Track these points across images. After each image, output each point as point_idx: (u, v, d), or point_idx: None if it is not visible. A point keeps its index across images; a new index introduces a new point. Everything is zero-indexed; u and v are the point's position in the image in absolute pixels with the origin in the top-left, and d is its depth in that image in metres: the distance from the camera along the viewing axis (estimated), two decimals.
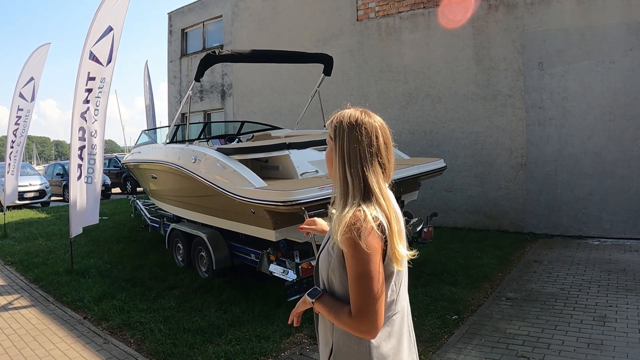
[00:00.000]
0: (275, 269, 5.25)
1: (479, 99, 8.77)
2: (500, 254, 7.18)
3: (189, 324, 4.96)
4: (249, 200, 4.89)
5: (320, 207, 4.75)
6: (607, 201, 7.74)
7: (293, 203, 4.49)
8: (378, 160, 1.61)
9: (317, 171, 5.60)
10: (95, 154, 7.14)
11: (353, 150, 1.59)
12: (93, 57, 7.04)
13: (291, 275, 4.99)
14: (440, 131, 9.21)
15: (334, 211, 1.63)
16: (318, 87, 7.61)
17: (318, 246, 2.69)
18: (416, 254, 1.66)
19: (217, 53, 6.09)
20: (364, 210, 1.53)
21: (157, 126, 13.64)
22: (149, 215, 8.84)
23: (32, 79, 10.46)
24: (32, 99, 10.53)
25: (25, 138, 10.71)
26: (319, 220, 2.15)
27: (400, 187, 5.59)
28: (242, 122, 8.96)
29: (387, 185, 1.66)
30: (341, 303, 1.61)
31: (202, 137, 8.72)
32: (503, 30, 8.47)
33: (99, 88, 7.15)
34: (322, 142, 5.91)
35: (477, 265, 6.65)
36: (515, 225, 8.53)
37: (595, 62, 7.70)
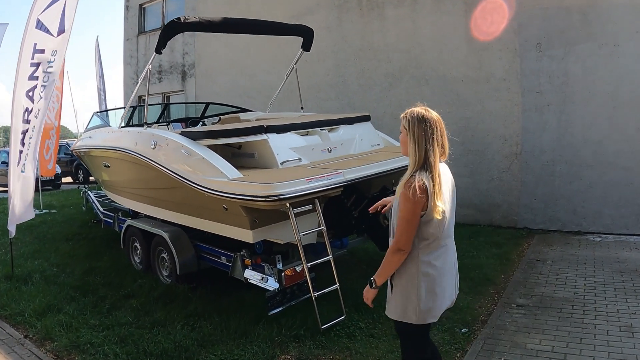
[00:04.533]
0: (252, 276, 4.40)
1: (470, 81, 8.13)
2: (498, 252, 6.55)
3: (150, 346, 4.07)
4: (221, 194, 4.00)
5: (307, 203, 3.91)
6: (608, 194, 7.22)
7: (276, 198, 3.64)
8: (436, 143, 2.38)
9: (300, 159, 4.75)
10: (32, 138, 6.05)
11: (420, 136, 2.36)
12: (41, 26, 5.93)
13: (272, 284, 4.15)
14: None
15: (405, 175, 2.39)
16: (295, 63, 6.74)
17: (305, 248, 3.79)
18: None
19: (182, 20, 5.14)
20: (417, 176, 2.32)
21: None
22: (101, 209, 7.81)
23: None
24: None
25: None
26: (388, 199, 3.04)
27: (392, 179, 4.83)
28: (207, 104, 8.01)
29: (442, 161, 2.47)
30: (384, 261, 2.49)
31: (161, 120, 7.72)
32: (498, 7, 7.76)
33: (49, 63, 6.06)
34: (306, 126, 5.06)
35: (475, 265, 5.97)
36: (509, 220, 7.93)
37: (598, 45, 7.13)
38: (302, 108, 6.93)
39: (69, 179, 20.49)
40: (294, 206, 3.78)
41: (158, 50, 5.28)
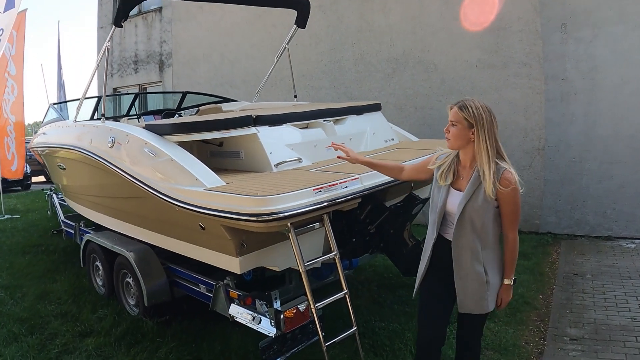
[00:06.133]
0: (240, 314, 3.36)
1: (485, 67, 7.23)
2: (528, 265, 5.63)
3: None
4: (196, 209, 2.96)
5: (314, 220, 2.90)
6: None
7: (272, 217, 2.62)
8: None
9: (299, 159, 3.72)
10: None
11: (492, 130, 2.37)
12: None
13: (267, 327, 3.12)
14: (435, 106, 7.62)
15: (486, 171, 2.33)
16: (287, 43, 5.70)
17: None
18: None
19: None
20: (507, 169, 2.35)
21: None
22: (62, 217, 6.68)
23: None
24: None
25: None
26: (351, 151, 2.94)
27: (412, 182, 3.83)
28: (184, 93, 6.92)
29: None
30: (505, 255, 2.49)
31: (132, 113, 6.63)
32: None
33: None
34: (306, 116, 4.04)
35: None
36: (530, 224, 7.05)
37: (631, 27, 6.31)
38: (295, 96, 5.92)
39: (41, 178, 19.09)
40: (296, 226, 2.77)
41: (117, 23, 4.21)
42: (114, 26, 4.30)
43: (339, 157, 2.92)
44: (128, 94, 9.76)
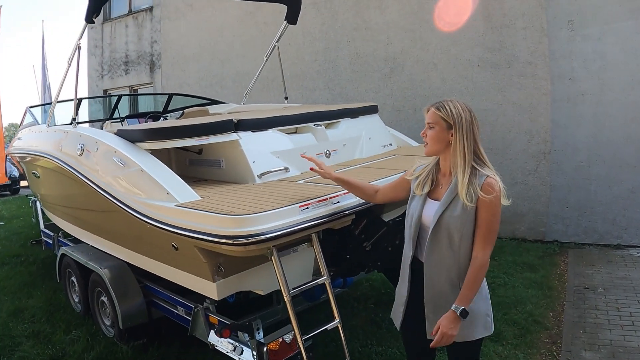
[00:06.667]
0: (219, 342, 2.99)
1: (488, 66, 6.89)
2: (535, 278, 5.29)
3: None
4: (167, 227, 2.60)
5: (301, 241, 2.54)
6: None
7: (252, 240, 2.26)
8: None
9: (286, 169, 3.36)
10: None
11: (471, 132, 2.13)
12: None
13: (249, 359, 2.76)
14: None
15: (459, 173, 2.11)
16: (277, 40, 5.34)
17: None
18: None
19: None
20: (489, 174, 2.10)
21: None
22: (42, 227, 6.32)
23: None
24: None
25: None
26: (325, 165, 2.73)
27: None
28: (170, 95, 6.57)
29: None
30: (467, 277, 2.09)
31: (115, 116, 6.26)
32: None
33: None
34: (295, 120, 3.67)
35: (515, 300, 4.68)
36: (536, 232, 6.71)
37: None
38: (286, 98, 5.56)
39: None
40: (280, 248, 2.41)
41: (88, 19, 3.85)
42: (85, 22, 3.94)
43: (311, 169, 2.71)
44: (110, 95, 9.43)
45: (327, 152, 3.67)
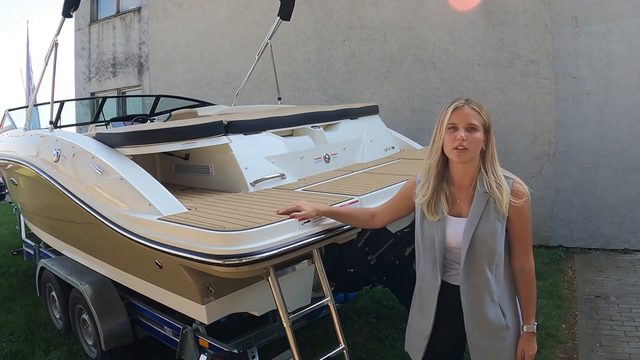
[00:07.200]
0: None
1: (489, 65, 6.69)
2: (544, 287, 5.05)
3: None
4: (149, 244, 2.31)
5: (301, 258, 2.27)
6: None
7: (245, 260, 1.98)
8: None
9: (282, 175, 3.07)
10: None
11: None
12: None
13: None
14: (434, 108, 7.06)
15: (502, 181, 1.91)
16: (270, 38, 5.08)
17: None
18: None
19: None
20: (514, 179, 1.96)
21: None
22: (23, 236, 6.01)
23: None
24: None
25: None
26: (304, 203, 2.28)
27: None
28: (157, 97, 6.29)
29: None
30: (522, 294, 1.97)
31: (100, 119, 5.96)
32: None
33: None
34: (290, 121, 3.40)
35: None
36: (540, 237, 6.50)
37: None
38: (279, 99, 5.30)
39: None
40: (278, 268, 2.13)
41: (65, 13, 3.57)
42: (62, 17, 3.64)
43: (291, 217, 2.24)
44: (95, 97, 9.15)
45: (327, 156, 3.39)
